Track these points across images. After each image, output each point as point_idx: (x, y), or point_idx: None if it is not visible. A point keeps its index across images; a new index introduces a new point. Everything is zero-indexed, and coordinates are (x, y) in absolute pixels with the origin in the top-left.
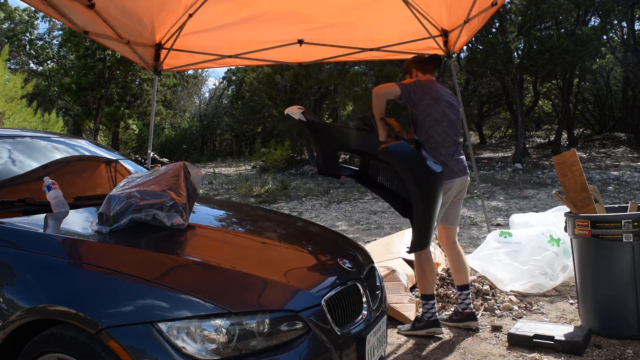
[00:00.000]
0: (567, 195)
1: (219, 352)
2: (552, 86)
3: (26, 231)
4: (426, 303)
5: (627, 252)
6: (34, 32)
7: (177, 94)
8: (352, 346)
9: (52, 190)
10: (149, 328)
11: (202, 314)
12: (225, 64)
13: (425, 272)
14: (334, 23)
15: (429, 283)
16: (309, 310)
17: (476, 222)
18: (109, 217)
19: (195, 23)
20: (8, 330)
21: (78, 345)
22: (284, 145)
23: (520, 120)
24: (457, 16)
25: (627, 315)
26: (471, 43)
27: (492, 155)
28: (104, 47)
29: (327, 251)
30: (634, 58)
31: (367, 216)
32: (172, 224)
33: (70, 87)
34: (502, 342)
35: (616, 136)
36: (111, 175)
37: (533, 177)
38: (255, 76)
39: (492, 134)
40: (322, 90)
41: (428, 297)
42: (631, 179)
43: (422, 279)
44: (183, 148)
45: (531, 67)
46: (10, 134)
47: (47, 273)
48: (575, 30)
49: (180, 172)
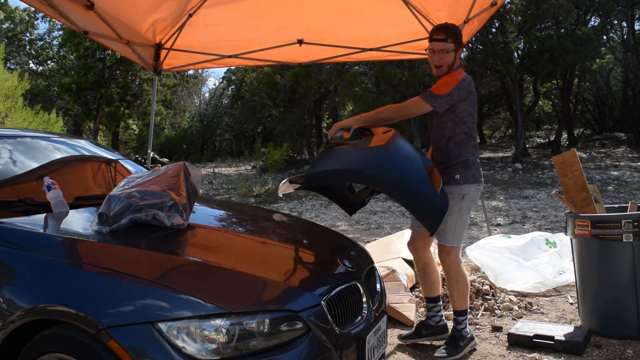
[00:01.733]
0: (567, 195)
1: (219, 352)
2: (552, 86)
3: (26, 231)
4: (464, 319)
5: (627, 252)
6: (34, 32)
7: (177, 94)
8: (352, 346)
9: (52, 190)
10: (149, 328)
11: (202, 314)
12: (225, 64)
13: (460, 285)
14: (334, 23)
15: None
16: (309, 310)
17: (476, 222)
18: (109, 217)
19: (195, 23)
20: (8, 330)
21: (78, 345)
22: (284, 145)
23: (520, 120)
24: (457, 16)
25: (627, 315)
26: (471, 43)
27: (492, 155)
28: (104, 47)
29: (327, 251)
30: (634, 58)
31: (367, 216)
32: (172, 224)
33: (70, 87)
34: (502, 342)
35: (616, 136)
36: (111, 175)
37: (533, 177)
38: (255, 76)
39: (492, 134)
40: (322, 90)
41: (463, 312)
42: (631, 179)
43: (457, 293)
44: (183, 148)
45: (531, 67)
46: (10, 134)
47: (47, 273)
48: (575, 30)
49: (180, 172)
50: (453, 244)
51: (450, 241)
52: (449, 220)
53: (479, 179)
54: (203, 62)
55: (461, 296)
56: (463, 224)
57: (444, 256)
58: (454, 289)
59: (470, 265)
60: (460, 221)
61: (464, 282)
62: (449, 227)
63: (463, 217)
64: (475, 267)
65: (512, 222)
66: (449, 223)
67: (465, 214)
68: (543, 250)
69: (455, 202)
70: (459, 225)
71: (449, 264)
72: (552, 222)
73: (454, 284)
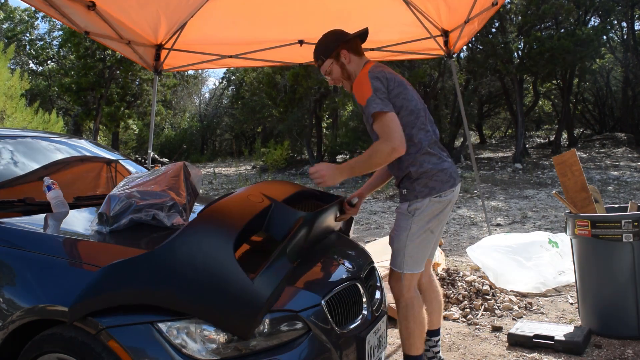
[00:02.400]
0: (567, 195)
1: (219, 352)
2: (552, 86)
3: (26, 231)
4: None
5: (627, 252)
6: (34, 32)
7: (177, 94)
8: (352, 346)
9: (52, 190)
10: (149, 328)
11: None
12: (226, 64)
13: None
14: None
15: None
16: (309, 310)
17: (476, 222)
18: (109, 217)
19: (196, 23)
20: (8, 330)
21: (78, 345)
22: (284, 145)
23: (520, 120)
24: (457, 16)
25: (627, 315)
26: (471, 43)
27: (492, 155)
28: (104, 47)
29: (327, 251)
30: (634, 58)
31: (367, 216)
32: (172, 224)
33: (70, 87)
34: (502, 342)
35: (616, 136)
36: (111, 175)
37: (533, 177)
38: (255, 76)
39: (492, 134)
40: (322, 90)
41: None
42: (631, 179)
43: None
44: (183, 148)
45: (531, 67)
46: (10, 134)
47: (47, 273)
48: (576, 30)
49: (180, 172)
50: (403, 270)
51: (400, 266)
52: (397, 241)
53: (438, 189)
54: (203, 63)
55: (410, 337)
56: (417, 247)
57: (392, 282)
58: (402, 326)
59: (471, 266)
60: (412, 243)
61: (416, 320)
62: (397, 249)
63: (416, 238)
64: (475, 267)
65: (512, 222)
66: (396, 244)
67: (419, 235)
68: (545, 250)
69: (403, 220)
70: (410, 248)
71: (397, 294)
72: (552, 222)
73: (403, 320)
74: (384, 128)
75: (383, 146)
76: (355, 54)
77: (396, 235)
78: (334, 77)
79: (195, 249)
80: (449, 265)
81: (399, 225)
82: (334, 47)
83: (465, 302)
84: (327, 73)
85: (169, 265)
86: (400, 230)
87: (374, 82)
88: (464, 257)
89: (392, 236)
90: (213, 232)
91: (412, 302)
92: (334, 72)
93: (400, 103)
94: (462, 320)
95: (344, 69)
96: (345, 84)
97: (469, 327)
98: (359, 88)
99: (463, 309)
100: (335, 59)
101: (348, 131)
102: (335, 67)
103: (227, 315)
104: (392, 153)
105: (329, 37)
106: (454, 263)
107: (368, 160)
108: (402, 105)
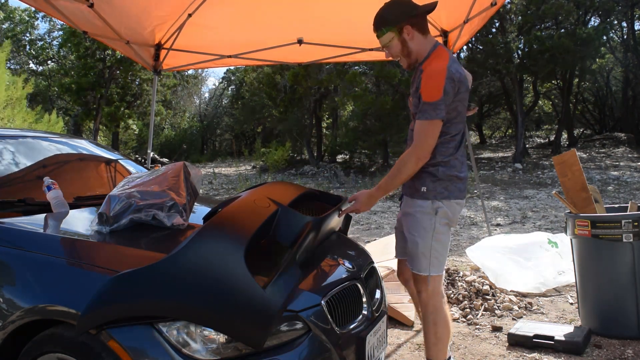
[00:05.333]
0: (567, 195)
1: (219, 352)
2: (552, 86)
3: (26, 231)
4: None
5: (627, 252)
6: (34, 32)
7: (177, 94)
8: (352, 346)
9: (52, 190)
10: (149, 328)
11: None
12: (225, 64)
13: (438, 328)
14: (334, 23)
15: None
16: (309, 310)
17: (476, 222)
18: (109, 217)
19: (195, 23)
20: (8, 330)
21: (78, 345)
22: (284, 145)
23: (520, 120)
24: (456, 16)
25: (627, 315)
26: (471, 43)
27: (492, 155)
28: (104, 47)
29: (327, 251)
30: (634, 58)
31: (367, 216)
32: (172, 224)
33: (70, 87)
34: (502, 342)
35: (616, 136)
36: (111, 175)
37: (533, 177)
38: (255, 76)
39: (492, 134)
40: (322, 90)
41: None
42: (631, 179)
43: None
44: (183, 148)
45: (531, 67)
46: (10, 134)
47: (47, 273)
48: (576, 30)
49: (180, 172)
50: (430, 273)
51: (426, 269)
52: (421, 242)
53: (455, 196)
54: (203, 62)
55: (438, 342)
56: (443, 246)
57: (421, 288)
58: (430, 332)
59: (471, 266)
60: (439, 242)
61: (444, 324)
62: (421, 252)
63: (441, 236)
64: (475, 267)
65: (512, 222)
66: (421, 246)
67: (443, 232)
68: (545, 250)
69: (425, 220)
70: (436, 249)
71: (426, 299)
72: (552, 222)
73: (431, 326)
74: (424, 133)
75: (410, 157)
76: (419, 32)
77: (420, 236)
78: (392, 52)
79: (206, 259)
80: (448, 265)
81: (420, 226)
82: (398, 21)
83: (465, 302)
84: (386, 46)
85: (181, 276)
86: (423, 231)
87: (448, 83)
88: (464, 257)
89: (414, 239)
90: (223, 242)
91: (441, 307)
92: (393, 47)
93: (460, 109)
94: (462, 320)
95: (405, 46)
96: (402, 60)
97: (469, 327)
98: (431, 81)
99: (463, 309)
100: (398, 33)
101: (348, 131)
102: (395, 42)
103: (241, 326)
104: (418, 163)
105: (393, 7)
106: (454, 263)
107: (398, 175)
108: (461, 112)
